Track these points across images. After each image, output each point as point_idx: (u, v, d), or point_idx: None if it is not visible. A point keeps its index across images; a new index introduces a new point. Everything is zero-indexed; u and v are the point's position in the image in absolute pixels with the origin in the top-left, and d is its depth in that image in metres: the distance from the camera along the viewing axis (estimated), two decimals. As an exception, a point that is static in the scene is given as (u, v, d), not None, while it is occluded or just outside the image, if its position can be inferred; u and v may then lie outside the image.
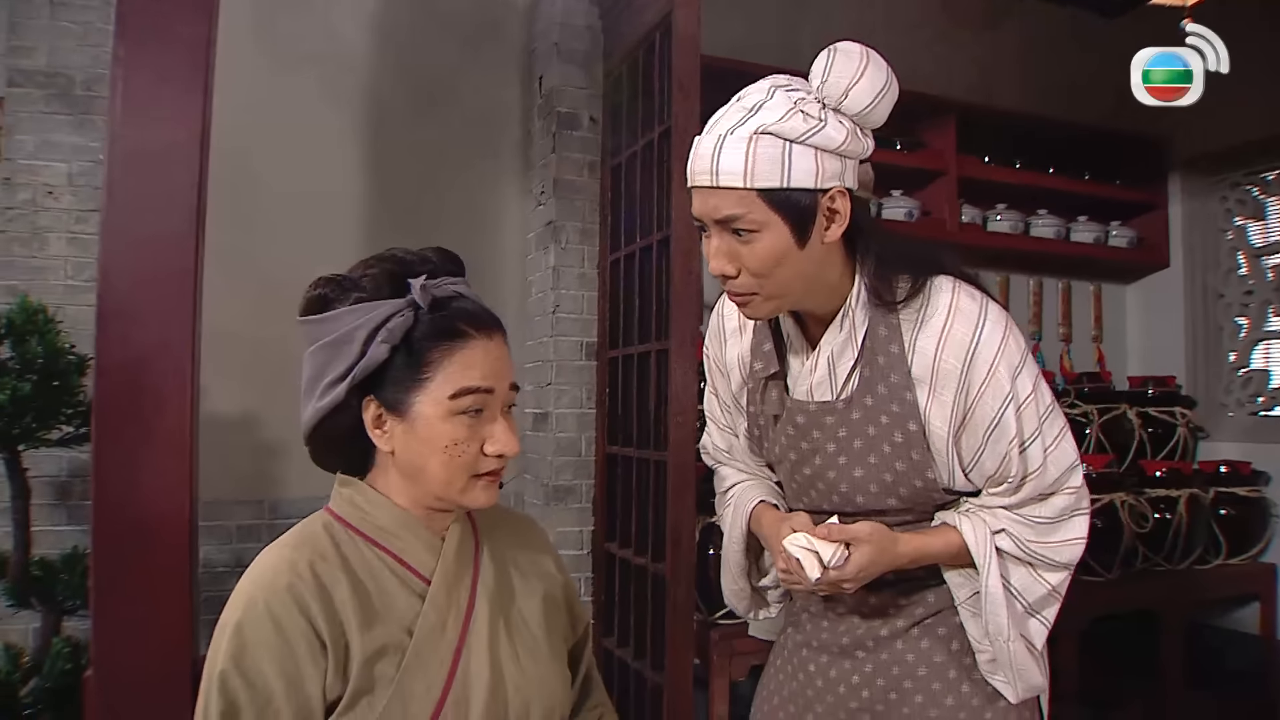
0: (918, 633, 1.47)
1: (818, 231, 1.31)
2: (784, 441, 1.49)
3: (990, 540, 1.38)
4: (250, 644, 1.08)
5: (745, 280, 1.32)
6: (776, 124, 1.25)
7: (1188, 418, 3.80)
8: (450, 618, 1.18)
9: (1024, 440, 1.36)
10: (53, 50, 2.90)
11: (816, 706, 1.52)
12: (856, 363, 1.39)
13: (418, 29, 3.38)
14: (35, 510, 2.64)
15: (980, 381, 1.34)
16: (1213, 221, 4.24)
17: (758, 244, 1.28)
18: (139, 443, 1.90)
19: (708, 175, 1.28)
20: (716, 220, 1.30)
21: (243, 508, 3.06)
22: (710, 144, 1.28)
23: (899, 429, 1.38)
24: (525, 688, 1.22)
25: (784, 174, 1.25)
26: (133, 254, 1.92)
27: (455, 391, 1.14)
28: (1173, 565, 3.50)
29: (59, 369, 2.46)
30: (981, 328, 1.34)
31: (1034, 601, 1.42)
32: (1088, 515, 1.44)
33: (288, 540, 1.19)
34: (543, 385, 3.23)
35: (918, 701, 1.45)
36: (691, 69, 2.62)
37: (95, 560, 1.89)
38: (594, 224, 3.22)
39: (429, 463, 1.16)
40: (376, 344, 1.13)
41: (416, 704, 1.12)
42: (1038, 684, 1.43)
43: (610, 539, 3.09)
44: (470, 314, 1.19)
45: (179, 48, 1.97)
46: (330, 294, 1.18)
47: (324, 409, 1.16)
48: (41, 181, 2.89)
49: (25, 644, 2.65)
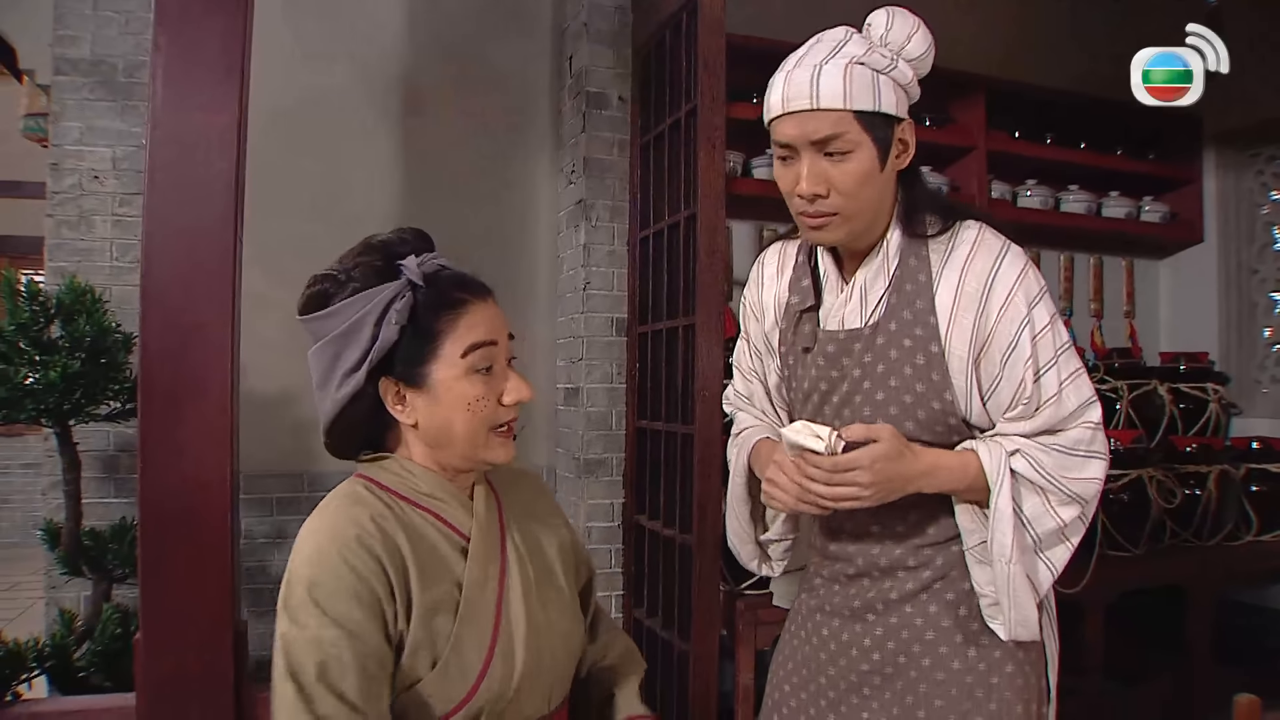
0: (926, 597, 1.50)
1: (891, 159, 1.42)
2: (814, 373, 1.54)
3: (1005, 460, 1.40)
4: (332, 592, 1.13)
5: (834, 200, 1.40)
6: (864, 56, 1.37)
7: (1220, 394, 3.77)
8: (491, 571, 1.26)
9: (1040, 367, 1.41)
10: (96, 39, 2.99)
11: (829, 669, 1.56)
12: (886, 290, 1.47)
13: (449, 11, 3.43)
14: (86, 483, 2.75)
15: (999, 306, 1.40)
16: (1247, 196, 4.19)
17: (849, 164, 1.38)
18: (181, 419, 1.97)
19: (806, 99, 1.37)
20: (814, 141, 1.38)
21: (281, 480, 3.16)
22: (806, 73, 1.37)
23: (921, 351, 1.44)
24: (554, 636, 1.30)
25: (875, 98, 1.37)
26: (174, 237, 1.99)
27: (466, 349, 1.22)
28: (1202, 541, 3.49)
29: (106, 347, 2.55)
30: (1002, 258, 1.43)
31: (1043, 535, 1.42)
32: (1105, 460, 1.44)
33: (340, 502, 1.24)
34: (574, 361, 3.29)
35: (925, 665, 1.48)
36: (717, 48, 2.65)
37: (142, 531, 1.97)
38: (624, 202, 3.26)
39: (454, 424, 1.23)
40: (387, 325, 1.20)
41: (471, 654, 1.20)
42: (1031, 622, 1.43)
43: (640, 511, 3.15)
44: (461, 281, 1.27)
45: (216, 34, 2.02)
46: (329, 289, 1.24)
47: (344, 398, 1.22)
48: (87, 166, 2.99)
49: (78, 610, 2.76)
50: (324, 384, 1.24)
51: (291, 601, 1.14)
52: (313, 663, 1.10)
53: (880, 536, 1.53)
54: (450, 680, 1.18)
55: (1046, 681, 1.54)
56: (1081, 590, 3.08)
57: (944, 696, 1.47)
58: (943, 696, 1.47)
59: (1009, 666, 1.47)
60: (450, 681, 1.18)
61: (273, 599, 1.22)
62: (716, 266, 2.63)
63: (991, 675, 1.47)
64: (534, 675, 1.26)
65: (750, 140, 3.34)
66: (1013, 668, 1.48)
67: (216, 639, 1.99)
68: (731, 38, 2.68)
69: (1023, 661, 1.49)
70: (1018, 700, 1.47)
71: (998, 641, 1.48)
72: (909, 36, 1.41)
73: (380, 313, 1.20)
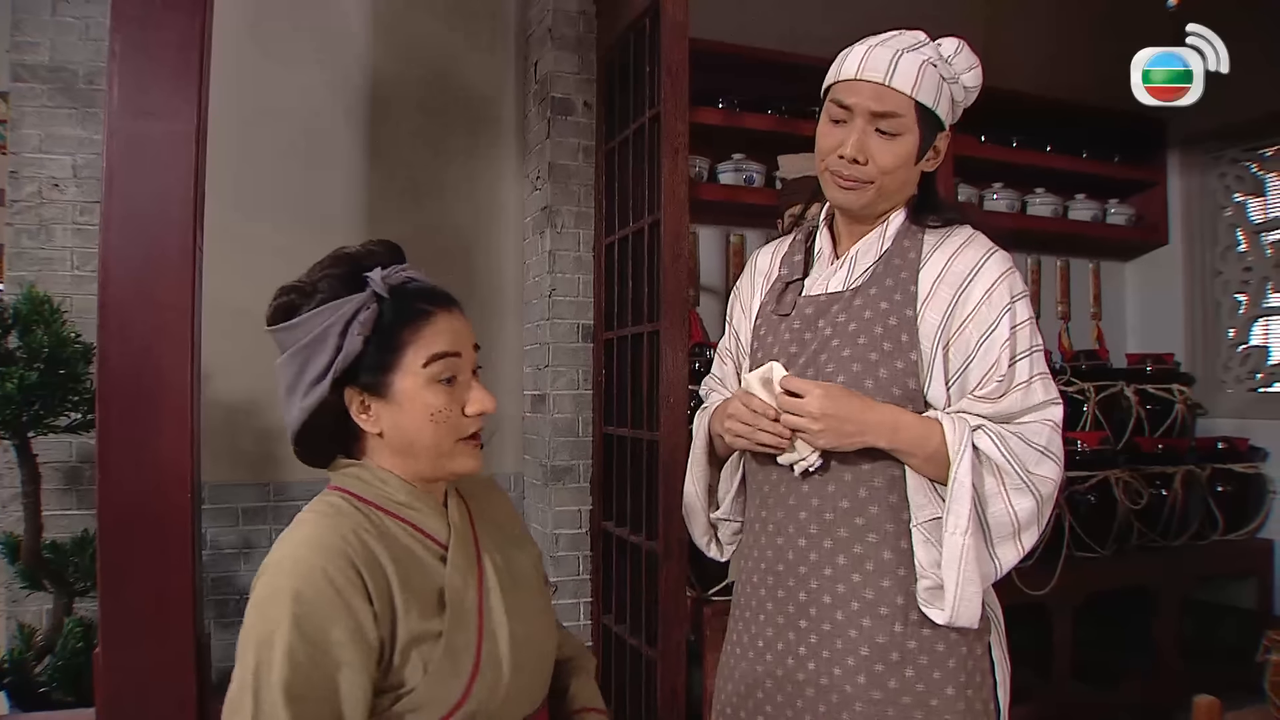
0: (858, 608, 1.46)
1: (926, 158, 1.54)
2: (786, 337, 1.58)
3: (969, 434, 1.41)
4: (313, 608, 1.12)
5: (869, 170, 1.49)
6: (940, 64, 1.50)
7: (1186, 394, 3.80)
8: (470, 579, 1.27)
9: (1015, 353, 1.45)
10: (55, 45, 2.97)
11: (766, 681, 1.54)
12: (875, 262, 1.55)
13: (415, 17, 3.42)
14: (47, 495, 2.72)
15: (982, 291, 1.47)
16: (1212, 198, 4.24)
17: (895, 144, 1.49)
18: (141, 428, 1.95)
19: (882, 74, 1.47)
20: (874, 113, 1.48)
21: (248, 490, 3.13)
22: (888, 53, 1.48)
23: (895, 313, 1.49)
24: (532, 639, 1.31)
25: (936, 98, 1.49)
26: (132, 244, 1.97)
27: (428, 359, 1.23)
28: (1168, 542, 3.52)
29: (65, 358, 2.52)
30: (992, 254, 1.51)
31: (994, 523, 1.43)
32: (1059, 465, 1.45)
33: (322, 512, 1.23)
34: (541, 367, 3.28)
35: (861, 682, 1.45)
36: (680, 54, 2.65)
37: (101, 543, 1.95)
38: (589, 208, 3.26)
39: (418, 434, 1.24)
40: (351, 337, 1.21)
41: (461, 659, 1.20)
42: (975, 605, 1.40)
43: (607, 518, 3.14)
44: (426, 293, 1.28)
45: (173, 41, 2.00)
46: (296, 300, 1.25)
47: (309, 407, 1.23)
48: (47, 175, 2.96)
49: (39, 624, 2.73)
50: (290, 393, 1.25)
51: (271, 607, 1.12)
52: (280, 678, 1.09)
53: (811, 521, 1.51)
54: (443, 684, 1.19)
55: (996, 705, 1.52)
56: (1049, 593, 3.11)
57: (880, 718, 1.44)
58: (879, 718, 1.44)
59: (949, 689, 1.45)
60: (443, 685, 1.19)
61: (238, 610, 1.21)
62: (681, 272, 2.63)
63: (931, 698, 1.44)
64: (520, 677, 1.27)
65: (716, 145, 3.36)
66: (954, 691, 1.45)
67: (179, 652, 1.96)
68: (696, 43, 2.68)
69: (965, 685, 1.46)
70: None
71: (937, 662, 1.45)
72: (970, 68, 1.53)
73: (344, 324, 1.21)
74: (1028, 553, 1.47)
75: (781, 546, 1.54)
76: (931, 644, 1.45)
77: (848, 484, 1.49)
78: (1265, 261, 4.05)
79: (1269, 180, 4.07)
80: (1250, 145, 4.09)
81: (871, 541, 1.48)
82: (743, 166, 3.38)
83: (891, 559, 1.47)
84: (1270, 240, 4.05)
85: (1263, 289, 4.07)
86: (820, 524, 1.50)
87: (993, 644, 1.54)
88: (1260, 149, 4.07)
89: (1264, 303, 4.08)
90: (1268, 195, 4.07)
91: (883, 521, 1.48)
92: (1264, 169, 4.08)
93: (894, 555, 1.47)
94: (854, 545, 1.48)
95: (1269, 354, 4.06)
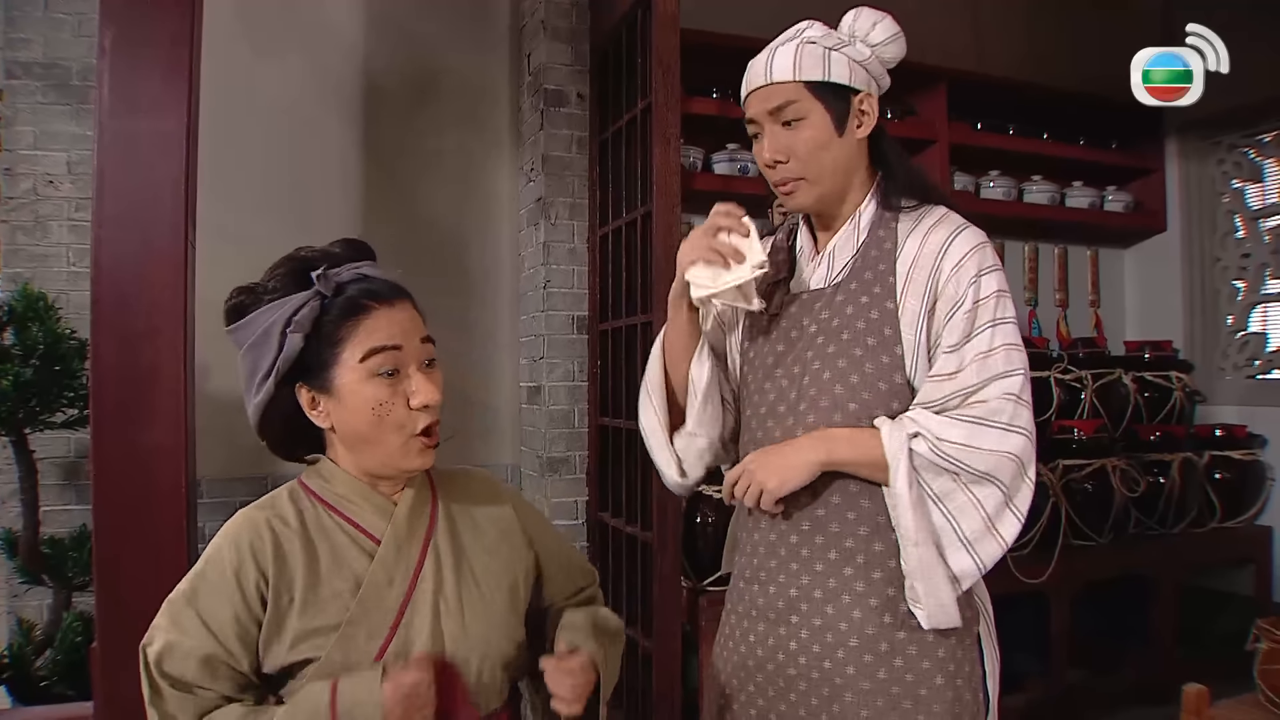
0: (849, 600, 1.47)
1: (851, 128, 1.53)
2: (773, 335, 1.59)
3: (906, 441, 1.41)
4: (208, 584, 1.22)
5: (794, 166, 1.51)
6: (817, 38, 1.52)
7: (1184, 382, 3.80)
8: (398, 575, 1.28)
9: (975, 325, 1.44)
10: (48, 42, 2.98)
11: (758, 676, 1.55)
12: (853, 256, 1.55)
13: (407, 9, 3.42)
14: (45, 490, 2.73)
15: (952, 265, 1.47)
16: (1209, 185, 4.23)
17: (804, 131, 1.50)
18: (136, 424, 1.96)
19: (762, 76, 1.51)
20: (770, 112, 1.51)
21: (244, 484, 3.13)
22: (764, 56, 1.53)
23: (877, 307, 1.49)
24: (465, 644, 1.30)
25: (824, 69, 1.49)
26: (124, 241, 1.98)
27: (364, 354, 1.24)
28: (1166, 529, 3.53)
29: (60, 354, 2.53)
30: (963, 229, 1.51)
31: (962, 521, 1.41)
32: (1026, 437, 1.42)
33: (258, 503, 1.32)
34: (536, 359, 3.28)
35: (850, 673, 1.46)
36: (671, 45, 2.65)
37: (97, 538, 1.96)
38: (583, 199, 3.26)
39: (364, 428, 1.26)
40: (290, 335, 1.24)
41: (358, 651, 1.23)
42: (948, 608, 1.41)
43: (603, 509, 3.15)
44: (370, 290, 1.29)
45: (164, 37, 2.01)
46: (246, 301, 1.30)
47: (261, 403, 1.28)
48: (42, 171, 2.97)
49: (39, 619, 2.75)
50: (246, 390, 1.30)
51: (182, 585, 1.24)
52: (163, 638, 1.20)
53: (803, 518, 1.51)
54: (334, 673, 1.21)
55: (985, 694, 1.53)
56: (1047, 580, 3.11)
57: (869, 707, 1.45)
58: (868, 707, 1.45)
59: (938, 679, 1.45)
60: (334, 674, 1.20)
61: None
62: (672, 263, 2.62)
63: (920, 688, 1.45)
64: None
65: (710, 136, 3.35)
66: (942, 680, 1.45)
67: (174, 645, 1.97)
68: (690, 34, 2.69)
69: (954, 675, 1.46)
70: (948, 714, 1.45)
71: (926, 652, 1.46)
72: (873, 26, 1.53)
73: (285, 322, 1.24)
74: (1019, 540, 1.46)
75: (774, 542, 1.55)
76: (920, 634, 1.46)
77: (840, 478, 1.49)
78: (1263, 248, 4.04)
79: (1267, 166, 4.05)
80: (1248, 131, 4.08)
81: (863, 535, 1.48)
82: (737, 157, 3.37)
83: (882, 551, 1.47)
84: (1268, 226, 4.03)
85: (1261, 275, 4.06)
86: (813, 519, 1.51)
87: (981, 634, 1.54)
88: (1258, 135, 4.06)
89: (1262, 289, 4.07)
90: (1266, 181, 4.06)
91: (874, 515, 1.48)
92: (1262, 155, 4.06)
93: (885, 548, 1.47)
94: (845, 539, 1.49)
95: (1267, 341, 4.05)
